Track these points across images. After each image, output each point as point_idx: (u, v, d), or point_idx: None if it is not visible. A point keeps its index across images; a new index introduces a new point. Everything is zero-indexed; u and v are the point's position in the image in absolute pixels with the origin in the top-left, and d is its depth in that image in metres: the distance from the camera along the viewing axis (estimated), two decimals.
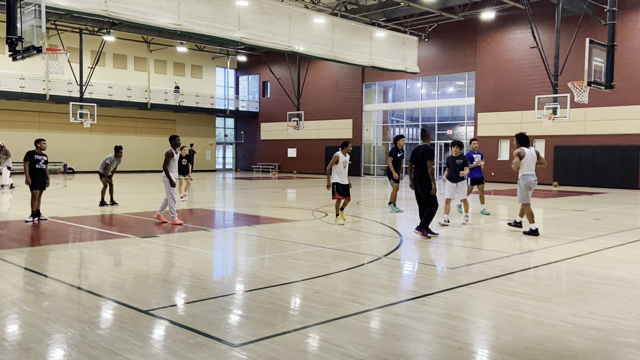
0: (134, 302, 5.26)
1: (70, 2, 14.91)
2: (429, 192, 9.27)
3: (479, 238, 9.86)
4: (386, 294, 5.72)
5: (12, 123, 31.93)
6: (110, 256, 7.78)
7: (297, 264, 7.19)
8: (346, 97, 36.01)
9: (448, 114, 34.30)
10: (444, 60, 31.11)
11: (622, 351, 4.12)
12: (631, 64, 24.08)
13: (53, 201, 15.18)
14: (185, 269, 6.83)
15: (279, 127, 39.45)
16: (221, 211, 14.13)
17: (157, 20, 16.66)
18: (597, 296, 5.69)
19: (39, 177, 11.29)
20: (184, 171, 16.13)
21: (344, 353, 3.97)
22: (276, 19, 19.79)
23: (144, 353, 3.94)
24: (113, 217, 12.31)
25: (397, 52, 25.32)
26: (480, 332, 4.60)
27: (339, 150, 11.48)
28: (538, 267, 7.32)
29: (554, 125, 24.34)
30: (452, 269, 7.21)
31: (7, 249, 8.06)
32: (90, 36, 32.64)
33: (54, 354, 3.98)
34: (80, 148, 34.69)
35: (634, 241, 9.37)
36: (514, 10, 26.93)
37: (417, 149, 9.51)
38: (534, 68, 26.79)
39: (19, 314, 4.89)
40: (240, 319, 4.84)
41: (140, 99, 36.56)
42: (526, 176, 9.93)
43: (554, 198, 18.87)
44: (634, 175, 24.37)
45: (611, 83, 14.52)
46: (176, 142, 11.13)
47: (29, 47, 11.16)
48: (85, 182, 25.02)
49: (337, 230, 10.40)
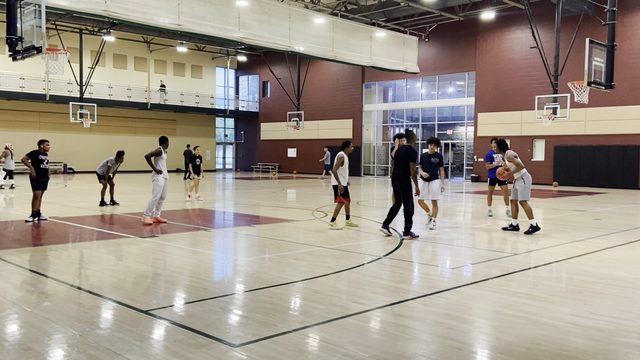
0: (134, 302, 5.26)
1: (70, 2, 14.90)
2: (408, 193, 9.26)
3: (479, 238, 9.86)
4: (386, 294, 5.72)
5: (12, 123, 31.92)
6: (110, 256, 7.78)
7: (297, 264, 7.19)
8: (346, 97, 36.01)
9: (448, 114, 34.32)
10: (444, 60, 31.11)
11: (622, 351, 4.12)
12: (631, 64, 24.07)
13: (53, 201, 15.18)
14: (185, 269, 6.83)
15: (279, 127, 39.45)
16: (221, 211, 14.13)
17: (157, 20, 16.66)
18: (597, 296, 5.69)
19: (42, 177, 11.31)
20: (197, 171, 16.36)
21: (344, 353, 3.97)
22: (276, 19, 19.78)
23: (144, 353, 3.94)
24: (113, 217, 12.31)
25: (397, 52, 25.32)
26: (480, 332, 4.60)
27: (342, 150, 11.02)
28: (538, 267, 7.32)
29: (554, 125, 24.34)
30: (452, 269, 7.21)
31: (7, 249, 8.06)
32: (90, 36, 32.63)
33: (54, 354, 3.98)
34: (80, 148, 34.69)
35: (634, 241, 9.37)
36: (514, 10, 26.93)
37: (401, 149, 9.48)
38: (534, 68, 26.79)
39: (19, 314, 4.89)
40: (240, 319, 4.84)
41: (140, 99, 36.56)
42: (527, 174, 10.14)
43: (554, 198, 18.86)
44: (634, 175, 24.36)
45: (611, 83, 14.53)
46: (166, 143, 11.24)
47: (29, 47, 11.15)
48: (85, 182, 25.02)
49: (337, 230, 10.38)
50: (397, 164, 9.39)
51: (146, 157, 11.08)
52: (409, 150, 9.27)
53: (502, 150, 10.59)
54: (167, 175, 11.26)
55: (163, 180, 11.08)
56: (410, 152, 9.25)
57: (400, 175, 9.31)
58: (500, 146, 10.66)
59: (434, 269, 7.26)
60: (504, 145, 10.63)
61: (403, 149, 9.37)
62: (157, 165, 10.98)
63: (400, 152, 9.37)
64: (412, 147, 9.37)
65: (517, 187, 10.20)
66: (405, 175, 9.24)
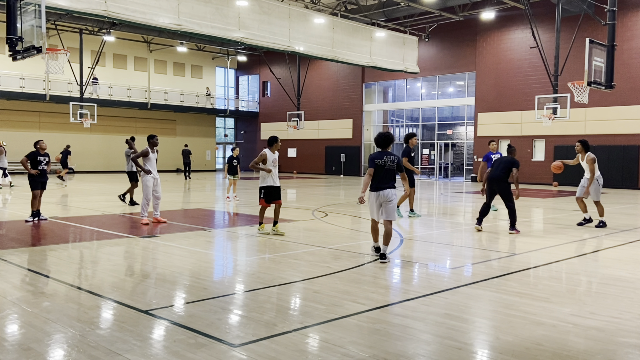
0: (134, 302, 5.26)
1: (70, 2, 14.91)
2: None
3: (479, 238, 9.86)
4: (386, 294, 5.72)
5: (12, 123, 31.92)
6: (110, 256, 7.78)
7: (297, 264, 7.19)
8: (346, 97, 36.01)
9: (448, 114, 34.31)
10: (444, 60, 31.11)
11: (622, 351, 4.12)
12: (631, 64, 24.08)
13: (53, 201, 15.18)
14: (185, 269, 6.82)
15: (279, 127, 39.43)
16: (221, 211, 14.13)
17: (157, 20, 16.66)
18: (597, 296, 5.69)
19: (40, 177, 11.31)
20: (233, 172, 16.37)
21: (344, 353, 3.97)
22: (276, 19, 19.78)
23: (144, 353, 3.94)
24: (113, 217, 12.31)
25: (397, 52, 25.33)
26: (480, 332, 4.60)
27: (266, 148, 9.78)
28: (538, 267, 7.32)
29: (554, 125, 24.34)
30: (452, 269, 7.21)
31: (7, 249, 8.06)
32: (90, 36, 32.63)
33: (54, 354, 3.98)
34: (80, 148, 34.66)
35: (634, 241, 9.37)
36: (514, 10, 26.93)
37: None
38: (534, 68, 26.79)
39: (19, 314, 4.89)
40: (240, 319, 4.84)
41: (140, 99, 36.55)
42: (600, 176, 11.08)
43: (554, 198, 18.86)
44: (634, 175, 24.36)
45: (611, 83, 14.53)
46: (154, 141, 11.07)
47: (29, 47, 11.16)
48: (86, 182, 25.02)
49: (337, 230, 10.39)
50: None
51: (132, 159, 11.03)
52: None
53: (584, 151, 10.97)
54: (156, 175, 11.12)
55: (152, 180, 10.98)
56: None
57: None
58: (584, 146, 11.00)
59: (434, 269, 7.26)
60: (587, 146, 11.01)
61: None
62: (145, 165, 10.92)
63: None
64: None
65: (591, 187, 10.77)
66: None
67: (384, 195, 7.30)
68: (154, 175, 11.01)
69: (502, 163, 10.19)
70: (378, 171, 7.34)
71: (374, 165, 7.38)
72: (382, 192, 7.30)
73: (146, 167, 10.90)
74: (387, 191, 7.31)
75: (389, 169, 7.37)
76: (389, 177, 7.38)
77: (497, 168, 10.22)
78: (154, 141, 11.07)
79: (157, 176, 11.14)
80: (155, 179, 11.05)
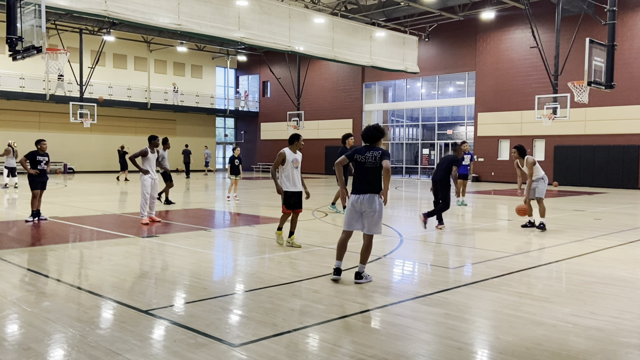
0: (134, 302, 5.26)
1: (70, 2, 14.90)
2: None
3: (479, 238, 9.86)
4: (386, 294, 5.72)
5: (12, 123, 31.92)
6: (110, 256, 7.78)
7: (297, 264, 7.19)
8: (346, 97, 36.01)
9: (448, 114, 34.28)
10: (444, 60, 31.10)
11: (622, 351, 4.12)
12: (631, 64, 24.07)
13: (53, 201, 15.18)
14: (185, 269, 6.82)
15: (279, 127, 39.42)
16: (221, 211, 14.13)
17: (157, 20, 16.66)
18: (597, 296, 5.68)
19: (40, 177, 11.30)
20: (235, 171, 16.43)
21: (344, 353, 3.97)
22: (276, 18, 19.78)
23: (144, 353, 3.94)
24: (113, 217, 12.30)
25: (397, 52, 25.32)
26: (480, 332, 4.60)
27: (286, 147, 9.22)
28: (538, 267, 7.32)
29: (554, 125, 24.32)
30: (452, 269, 7.21)
31: (7, 249, 8.06)
32: (90, 36, 32.62)
33: (54, 354, 3.98)
34: (80, 148, 34.69)
35: (634, 241, 9.37)
36: (514, 10, 26.92)
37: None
38: (534, 68, 26.78)
39: (19, 314, 4.89)
40: (240, 319, 4.84)
41: (140, 99, 36.54)
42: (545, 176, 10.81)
43: (554, 198, 18.86)
44: (634, 175, 24.36)
45: (611, 83, 14.53)
46: (155, 142, 11.11)
47: (29, 47, 11.16)
48: (85, 182, 25.02)
49: (337, 230, 10.38)
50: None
51: (130, 158, 11.01)
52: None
53: (521, 156, 10.69)
54: (154, 175, 11.14)
55: (150, 180, 10.98)
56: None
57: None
58: (520, 152, 10.76)
59: (433, 268, 7.26)
60: (523, 151, 10.76)
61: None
62: (143, 165, 10.91)
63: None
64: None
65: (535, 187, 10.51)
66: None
67: (367, 202, 5.98)
68: (152, 176, 11.02)
69: (445, 162, 10.48)
70: (358, 169, 6.11)
71: (352, 159, 6.14)
72: (363, 196, 6.01)
73: (144, 167, 10.90)
74: (369, 196, 5.98)
75: (371, 167, 6.03)
76: (371, 177, 6.03)
77: (440, 167, 10.51)
78: (155, 142, 11.11)
79: (155, 177, 11.16)
80: (153, 179, 11.06)
